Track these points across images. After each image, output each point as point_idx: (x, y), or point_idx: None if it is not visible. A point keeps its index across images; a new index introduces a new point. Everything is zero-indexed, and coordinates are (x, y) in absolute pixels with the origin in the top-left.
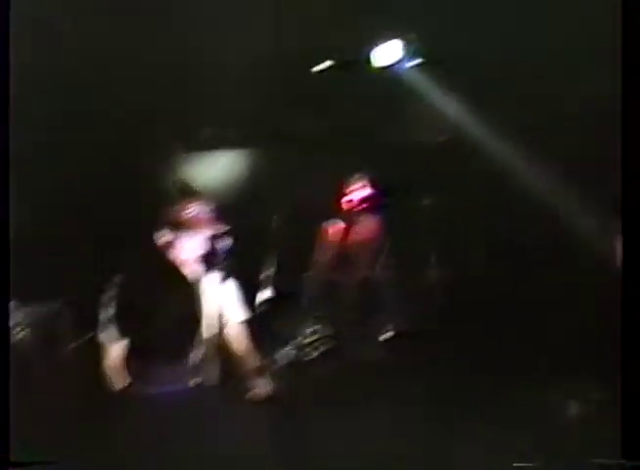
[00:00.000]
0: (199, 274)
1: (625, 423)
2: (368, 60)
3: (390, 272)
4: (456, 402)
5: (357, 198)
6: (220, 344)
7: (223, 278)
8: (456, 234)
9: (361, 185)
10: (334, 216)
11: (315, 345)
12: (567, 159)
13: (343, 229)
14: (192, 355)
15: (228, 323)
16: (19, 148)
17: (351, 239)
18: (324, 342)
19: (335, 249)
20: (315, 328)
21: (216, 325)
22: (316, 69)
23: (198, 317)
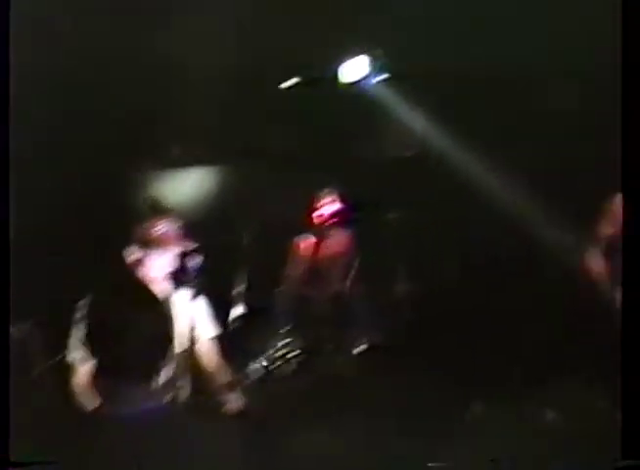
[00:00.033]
0: (169, 292)
1: (625, 423)
2: (335, 76)
3: (362, 286)
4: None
5: (328, 212)
6: (191, 360)
7: (194, 295)
8: (426, 247)
9: (331, 200)
10: (305, 231)
11: (288, 359)
12: (534, 171)
13: (314, 244)
14: (163, 373)
15: (199, 340)
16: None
17: (322, 253)
18: (297, 356)
19: (306, 263)
20: (288, 342)
21: (187, 342)
22: (284, 85)
23: (168, 335)
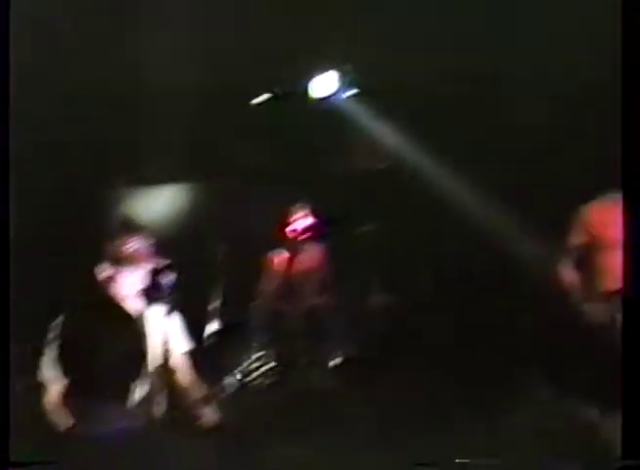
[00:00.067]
0: (141, 308)
1: (625, 423)
2: (306, 91)
3: (336, 299)
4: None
5: (300, 227)
6: (166, 376)
7: (167, 312)
8: (399, 261)
9: (303, 214)
10: (278, 246)
11: (263, 372)
12: (506, 185)
13: (288, 258)
14: (138, 390)
15: (172, 355)
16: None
17: (296, 268)
18: (272, 369)
19: (280, 278)
20: (262, 355)
21: (161, 358)
22: (255, 101)
23: (142, 352)
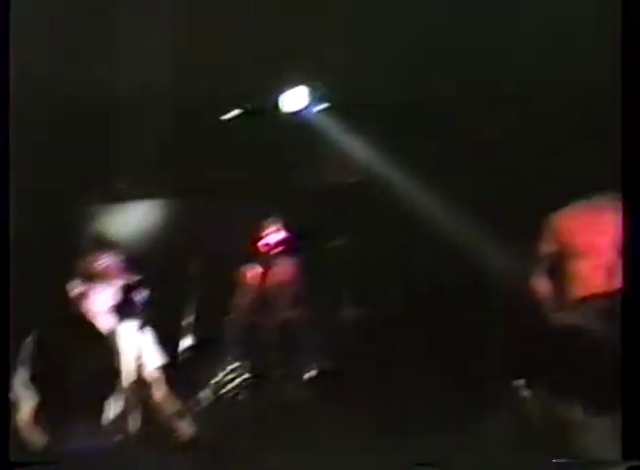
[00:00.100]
0: (113, 325)
1: (625, 423)
2: (276, 106)
3: (309, 312)
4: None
5: (273, 241)
6: (140, 392)
7: (139, 328)
8: (371, 274)
9: (275, 228)
10: (251, 260)
11: (238, 385)
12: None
13: (261, 272)
14: (112, 407)
15: (146, 370)
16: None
17: (269, 281)
18: (246, 380)
19: (254, 292)
20: (238, 370)
21: (134, 374)
22: (226, 117)
23: (115, 368)
